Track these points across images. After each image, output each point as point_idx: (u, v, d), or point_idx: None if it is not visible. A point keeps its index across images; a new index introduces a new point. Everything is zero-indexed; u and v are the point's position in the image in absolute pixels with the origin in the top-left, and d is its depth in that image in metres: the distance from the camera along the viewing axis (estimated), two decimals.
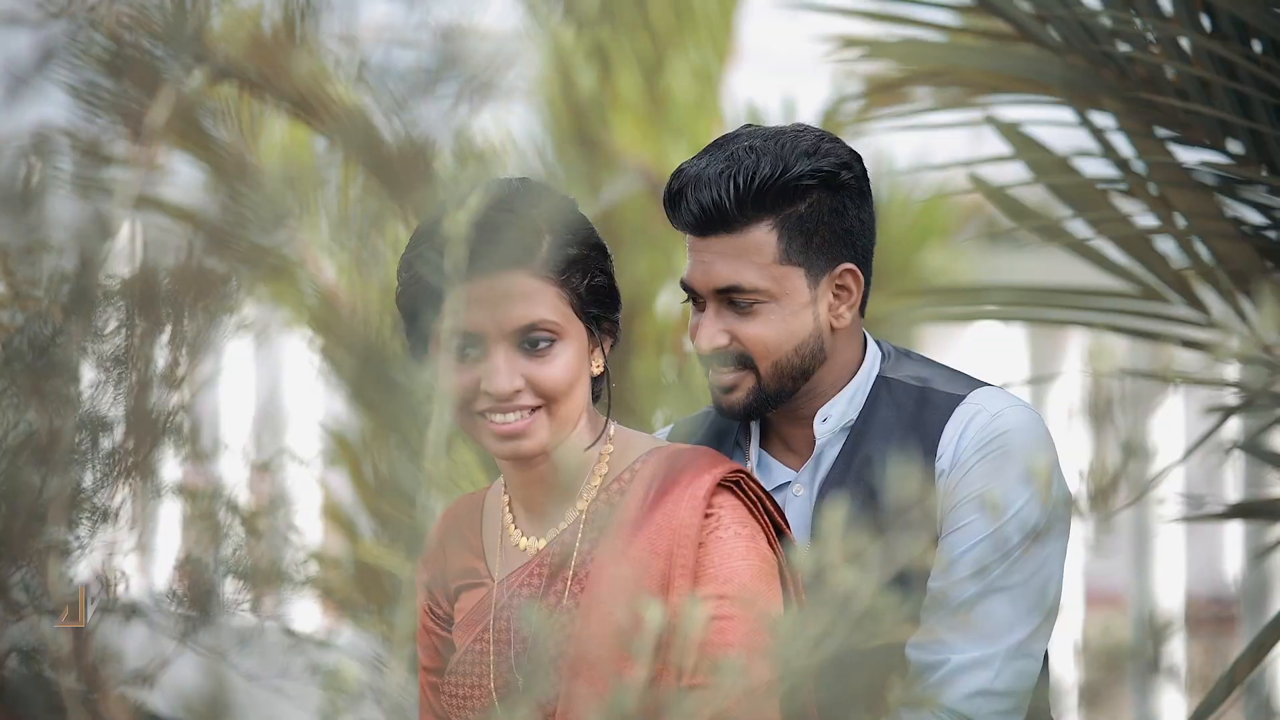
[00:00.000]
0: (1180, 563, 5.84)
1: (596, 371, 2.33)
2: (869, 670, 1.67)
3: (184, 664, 1.75)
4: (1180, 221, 3.15)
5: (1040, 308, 3.48)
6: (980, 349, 6.10)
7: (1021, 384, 3.73)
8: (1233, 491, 5.31)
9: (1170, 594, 5.79)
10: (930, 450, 2.43)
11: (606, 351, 2.33)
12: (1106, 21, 3.09)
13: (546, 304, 2.26)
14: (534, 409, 2.26)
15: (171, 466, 1.79)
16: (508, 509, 2.39)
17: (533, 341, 2.26)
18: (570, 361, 2.27)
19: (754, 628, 2.21)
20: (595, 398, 2.36)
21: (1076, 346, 6.13)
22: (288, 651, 1.83)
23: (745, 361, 2.44)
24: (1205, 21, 3.02)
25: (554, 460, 2.30)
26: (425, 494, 1.66)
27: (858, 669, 1.64)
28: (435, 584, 2.45)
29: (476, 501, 2.45)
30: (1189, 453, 3.04)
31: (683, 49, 5.79)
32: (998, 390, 2.48)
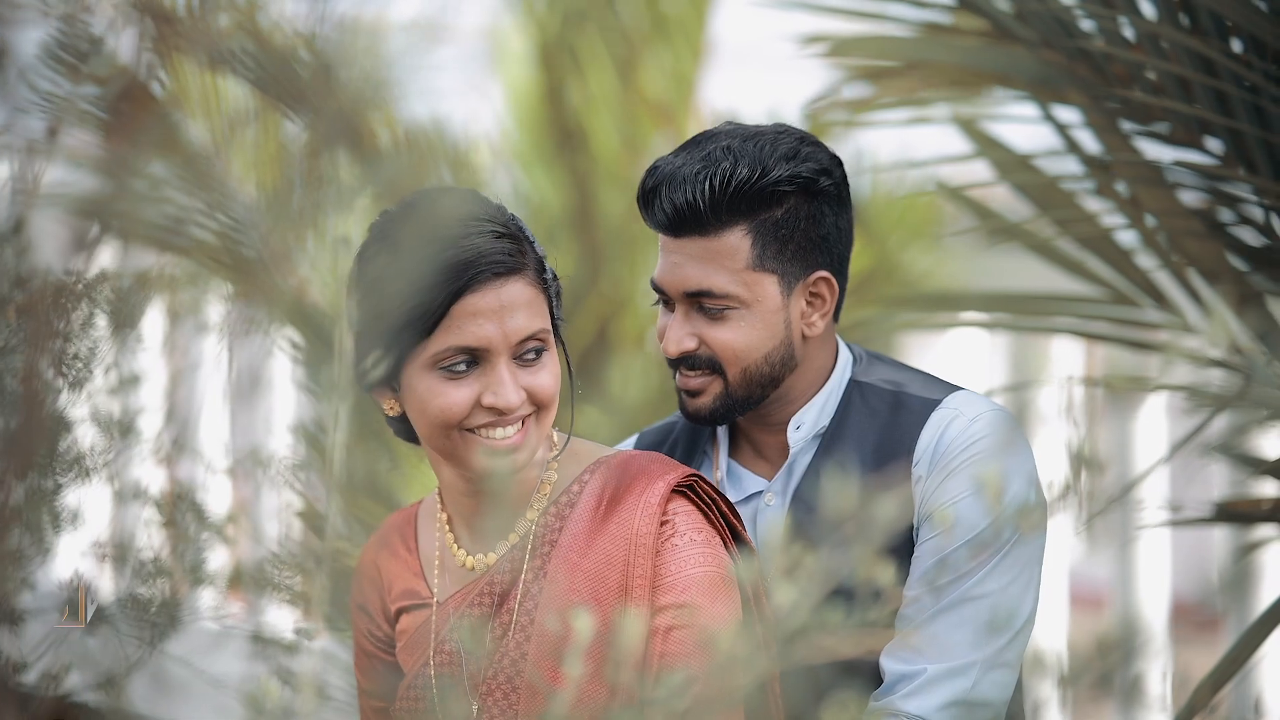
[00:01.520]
0: (1166, 563, 5.81)
1: None
2: (831, 679, 1.64)
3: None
4: (1150, 221, 3.12)
5: (1016, 314, 3.44)
6: (958, 354, 6.07)
7: (1000, 390, 3.69)
8: (1216, 493, 5.28)
9: (1155, 595, 5.76)
10: (906, 456, 2.39)
11: (567, 354, 2.28)
12: (1084, 18, 3.05)
13: (541, 312, 2.19)
14: (524, 419, 2.19)
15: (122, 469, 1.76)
16: (447, 526, 2.31)
17: (531, 351, 2.19)
18: (556, 367, 2.21)
19: (710, 637, 2.16)
20: None
21: (1058, 352, 6.11)
22: (255, 656, 1.80)
23: (713, 366, 2.39)
24: (1184, 19, 2.99)
25: None
26: (331, 498, 1.62)
27: (820, 677, 1.61)
28: (372, 606, 2.38)
29: (408, 518, 2.37)
30: (1164, 460, 3.01)
31: (656, 49, 5.76)
32: (973, 394, 2.44)
